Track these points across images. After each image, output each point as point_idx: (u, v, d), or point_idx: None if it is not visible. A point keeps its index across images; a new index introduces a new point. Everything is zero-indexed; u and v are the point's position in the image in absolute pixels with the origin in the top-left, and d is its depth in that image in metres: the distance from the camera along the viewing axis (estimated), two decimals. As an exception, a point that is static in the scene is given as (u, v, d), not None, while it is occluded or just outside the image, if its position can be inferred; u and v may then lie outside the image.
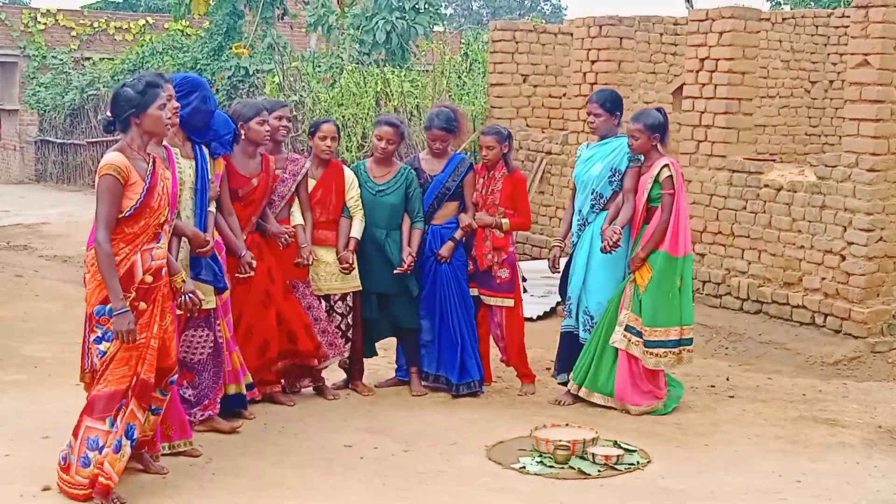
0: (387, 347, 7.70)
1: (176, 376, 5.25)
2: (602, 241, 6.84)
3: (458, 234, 7.15)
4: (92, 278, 4.93)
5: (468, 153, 7.40)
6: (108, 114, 4.97)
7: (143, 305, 4.95)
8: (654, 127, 6.79)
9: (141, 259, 4.93)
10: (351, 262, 6.88)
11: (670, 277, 6.81)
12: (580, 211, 7.16)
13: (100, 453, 4.92)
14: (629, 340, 6.84)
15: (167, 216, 5.05)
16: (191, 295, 5.39)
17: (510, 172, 7.23)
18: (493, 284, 7.23)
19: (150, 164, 4.97)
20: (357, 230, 6.95)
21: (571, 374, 7.10)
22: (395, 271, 6.96)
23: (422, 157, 7.31)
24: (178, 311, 5.43)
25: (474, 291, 7.28)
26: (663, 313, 6.81)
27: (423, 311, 7.19)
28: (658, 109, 6.95)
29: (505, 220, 7.16)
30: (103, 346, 4.91)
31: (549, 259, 7.45)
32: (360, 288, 7.05)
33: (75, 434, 5.02)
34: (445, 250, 7.10)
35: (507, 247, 7.22)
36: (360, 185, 7.04)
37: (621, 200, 6.97)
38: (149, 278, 4.95)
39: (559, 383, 7.36)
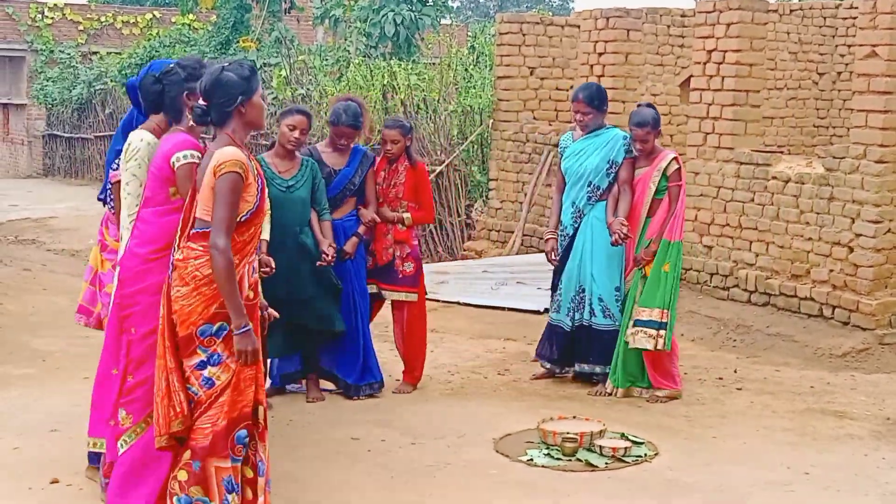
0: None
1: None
2: (611, 235, 6.95)
3: (361, 230, 6.88)
4: (193, 293, 4.23)
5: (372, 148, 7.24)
6: (202, 102, 4.36)
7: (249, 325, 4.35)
8: (657, 123, 7.04)
9: (247, 272, 4.35)
10: (273, 265, 5.99)
11: (660, 260, 6.98)
12: (574, 203, 7.21)
13: (237, 494, 4.32)
14: (633, 336, 7.02)
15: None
16: (268, 310, 4.93)
17: (413, 165, 7.13)
18: (396, 279, 7.08)
19: (253, 161, 4.41)
20: (266, 231, 6.14)
21: (610, 377, 7.17)
22: (318, 264, 6.56)
23: (321, 148, 6.96)
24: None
25: (373, 288, 7.07)
26: (656, 295, 6.96)
27: None
28: (649, 105, 7.16)
29: (407, 215, 7.04)
30: (208, 371, 4.24)
31: (546, 251, 7.45)
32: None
33: (205, 485, 4.30)
34: (350, 246, 6.81)
35: (410, 240, 7.11)
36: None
37: (618, 191, 7.12)
38: (251, 294, 4.36)
39: (543, 367, 7.51)
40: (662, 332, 6.90)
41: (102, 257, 5.45)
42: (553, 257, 7.36)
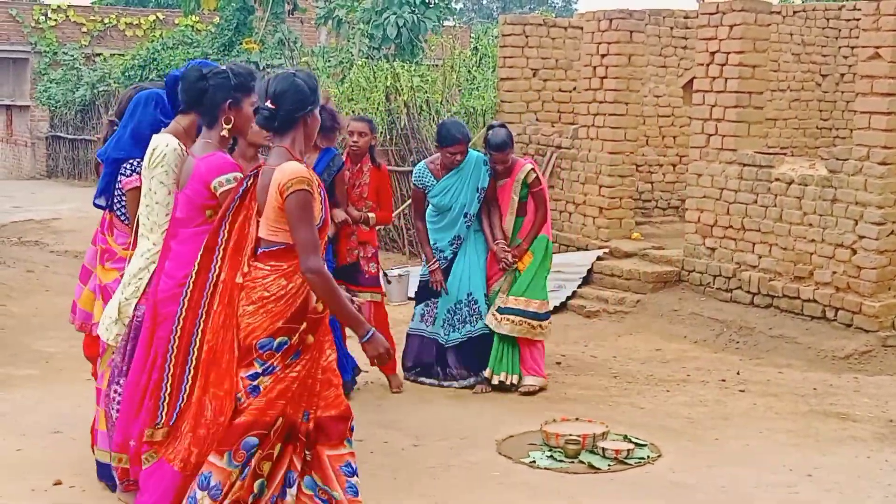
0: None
1: (353, 423, 4.41)
2: (499, 262, 7.32)
3: (330, 231, 6.84)
4: (259, 310, 4.13)
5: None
6: (271, 104, 4.14)
7: (310, 339, 4.21)
8: (513, 142, 7.43)
9: None
10: None
11: (548, 258, 7.41)
12: (455, 235, 7.38)
13: (209, 497, 4.08)
14: (497, 320, 7.27)
15: None
16: (356, 299, 4.74)
17: (377, 167, 7.26)
18: (361, 279, 7.16)
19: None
20: None
21: (492, 367, 7.33)
22: None
23: None
24: None
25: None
26: (534, 287, 7.31)
27: None
28: (501, 125, 7.46)
29: (371, 215, 7.15)
30: (259, 381, 4.14)
31: (435, 281, 7.40)
32: None
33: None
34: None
35: (373, 240, 7.29)
36: None
37: (488, 210, 7.44)
38: (320, 306, 4.22)
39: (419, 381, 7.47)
40: (546, 322, 7.34)
41: (107, 266, 5.16)
42: (441, 287, 7.40)
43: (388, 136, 13.60)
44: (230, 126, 4.55)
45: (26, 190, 22.73)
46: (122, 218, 5.12)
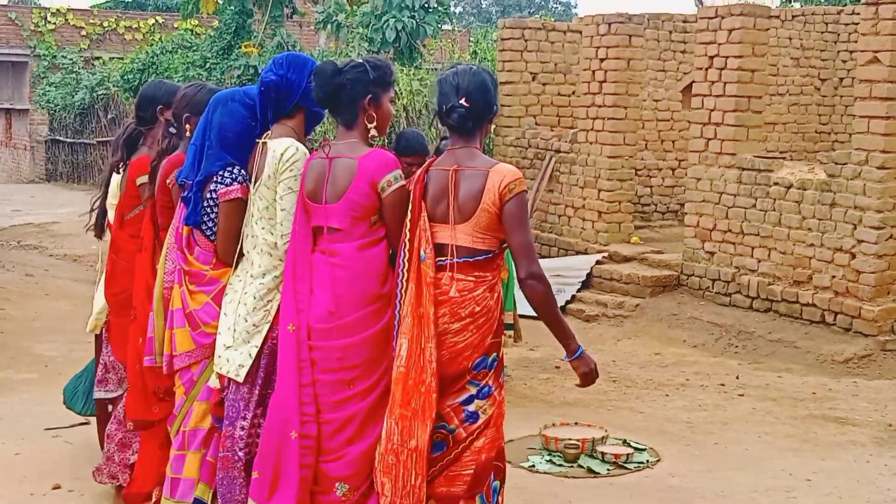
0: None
1: None
2: None
3: None
4: (470, 326, 3.73)
5: None
6: (465, 103, 3.78)
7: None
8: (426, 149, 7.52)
9: None
10: None
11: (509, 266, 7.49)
12: None
13: None
14: None
15: None
16: None
17: None
18: None
19: None
20: None
21: None
22: None
23: None
24: None
25: None
26: (507, 298, 7.35)
27: None
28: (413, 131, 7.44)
29: None
30: (475, 405, 3.73)
31: None
32: None
33: None
34: None
35: None
36: None
37: None
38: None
39: None
40: (510, 332, 7.52)
41: (192, 289, 4.38)
42: None
43: (388, 140, 13.61)
44: (374, 124, 4.00)
45: (25, 194, 22.71)
46: (208, 234, 4.38)
